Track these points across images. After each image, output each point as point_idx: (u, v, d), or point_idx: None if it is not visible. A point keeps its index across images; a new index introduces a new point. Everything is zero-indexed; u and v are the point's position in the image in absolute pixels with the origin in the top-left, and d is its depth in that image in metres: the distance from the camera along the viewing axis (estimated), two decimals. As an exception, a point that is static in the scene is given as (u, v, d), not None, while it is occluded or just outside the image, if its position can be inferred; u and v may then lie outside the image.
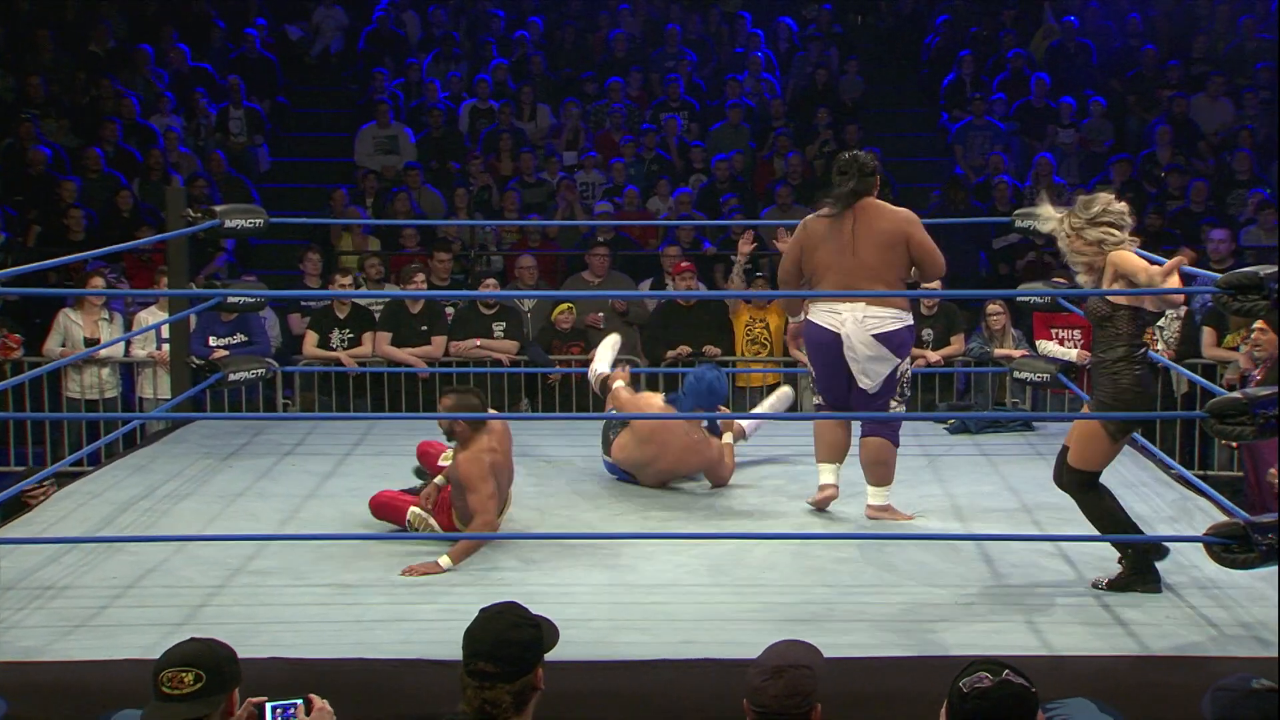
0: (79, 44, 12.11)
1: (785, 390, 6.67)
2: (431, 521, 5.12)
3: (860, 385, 5.25)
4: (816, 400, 5.49)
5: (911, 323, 5.31)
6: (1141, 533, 4.63)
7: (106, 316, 8.37)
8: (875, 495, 5.36)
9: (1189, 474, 5.53)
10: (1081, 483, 4.54)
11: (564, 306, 8.29)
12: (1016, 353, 7.81)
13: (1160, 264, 4.35)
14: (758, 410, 6.69)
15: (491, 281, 8.34)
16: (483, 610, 2.73)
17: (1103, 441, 4.46)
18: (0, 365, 8.19)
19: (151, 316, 8.10)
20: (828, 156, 11.15)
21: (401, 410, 7.90)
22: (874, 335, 5.18)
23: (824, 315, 5.25)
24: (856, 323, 5.19)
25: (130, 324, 8.32)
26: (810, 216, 5.39)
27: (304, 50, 12.79)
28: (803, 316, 5.40)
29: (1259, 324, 6.29)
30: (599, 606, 4.38)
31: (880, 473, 5.35)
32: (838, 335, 5.21)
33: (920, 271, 5.32)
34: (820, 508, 5.42)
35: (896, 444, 5.38)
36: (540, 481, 5.90)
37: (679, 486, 5.85)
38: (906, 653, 3.99)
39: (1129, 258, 4.35)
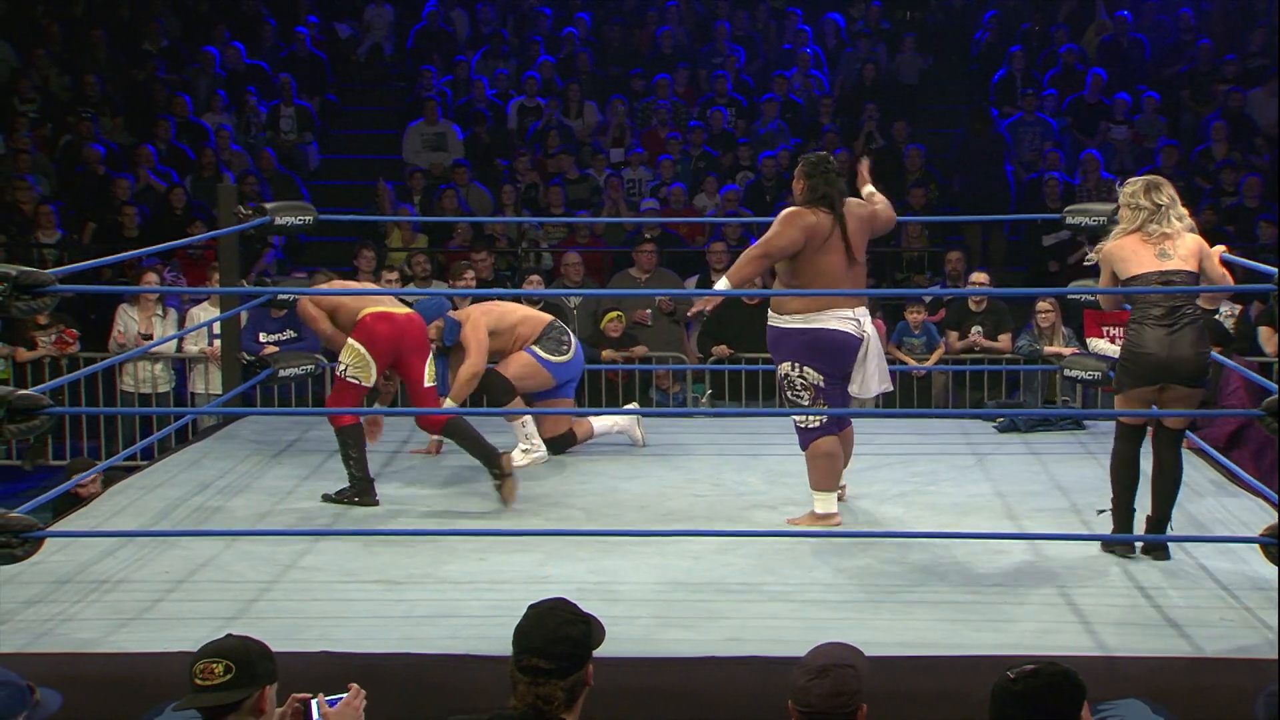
0: (133, 43, 12.25)
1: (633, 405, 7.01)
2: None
3: (860, 392, 5.11)
4: (814, 423, 5.06)
5: None
6: (1132, 497, 4.77)
7: (161, 313, 8.47)
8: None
9: (1243, 473, 5.45)
10: (1118, 432, 4.83)
11: (612, 314, 8.17)
12: (1067, 350, 7.74)
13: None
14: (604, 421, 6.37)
15: (535, 278, 8.34)
16: (531, 607, 2.74)
17: (1118, 399, 4.77)
18: (57, 360, 8.33)
19: (204, 313, 8.19)
20: (875, 153, 11.10)
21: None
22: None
23: (843, 321, 5.03)
24: (870, 326, 5.14)
25: (184, 320, 8.43)
26: (803, 210, 5.03)
27: (353, 48, 12.88)
28: (792, 323, 5.04)
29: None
30: (645, 604, 4.38)
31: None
32: (860, 340, 5.07)
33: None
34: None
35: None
36: (585, 480, 5.92)
37: (723, 484, 5.84)
38: (953, 652, 3.97)
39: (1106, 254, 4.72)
